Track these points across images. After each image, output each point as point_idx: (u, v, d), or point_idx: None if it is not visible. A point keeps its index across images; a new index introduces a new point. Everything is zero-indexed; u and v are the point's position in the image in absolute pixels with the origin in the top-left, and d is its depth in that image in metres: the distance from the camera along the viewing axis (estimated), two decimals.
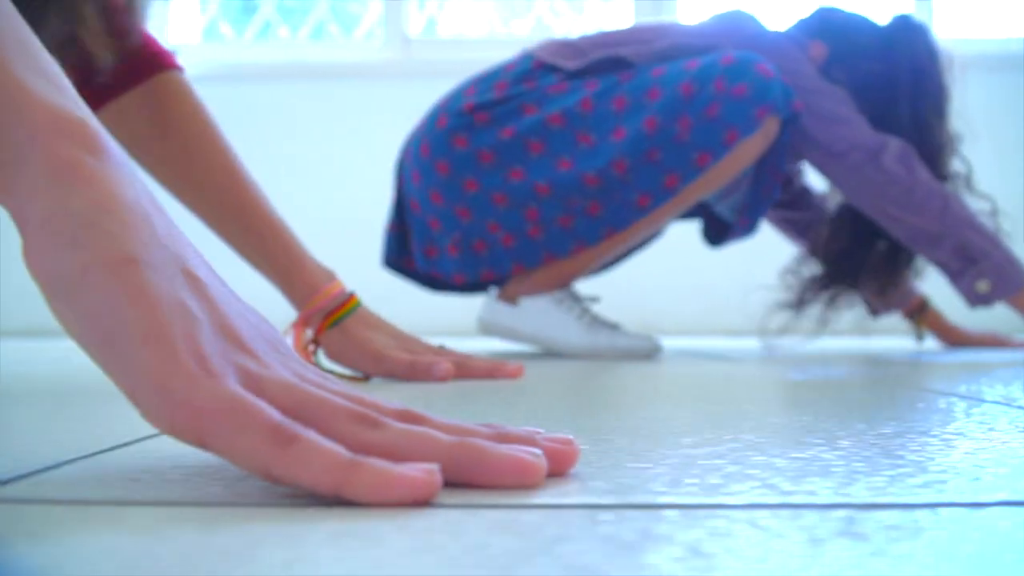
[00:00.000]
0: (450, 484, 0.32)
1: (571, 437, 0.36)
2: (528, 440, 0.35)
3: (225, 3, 2.70)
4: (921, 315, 1.62)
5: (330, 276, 0.94)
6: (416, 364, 0.86)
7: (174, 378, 0.31)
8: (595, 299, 1.40)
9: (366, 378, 0.89)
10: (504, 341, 1.39)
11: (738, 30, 1.40)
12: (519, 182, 1.31)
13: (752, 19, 1.43)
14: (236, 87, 2.57)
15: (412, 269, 1.51)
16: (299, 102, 2.59)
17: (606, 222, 1.31)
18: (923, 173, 1.35)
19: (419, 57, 2.64)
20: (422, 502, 0.30)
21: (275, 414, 0.31)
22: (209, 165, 0.97)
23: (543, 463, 0.33)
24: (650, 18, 2.63)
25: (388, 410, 0.35)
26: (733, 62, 1.26)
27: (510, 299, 1.37)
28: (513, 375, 0.89)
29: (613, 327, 1.35)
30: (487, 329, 1.39)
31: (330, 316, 0.90)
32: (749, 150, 1.26)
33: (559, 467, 0.35)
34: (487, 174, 1.33)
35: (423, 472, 0.30)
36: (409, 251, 1.49)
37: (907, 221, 1.36)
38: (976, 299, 1.36)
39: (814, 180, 1.63)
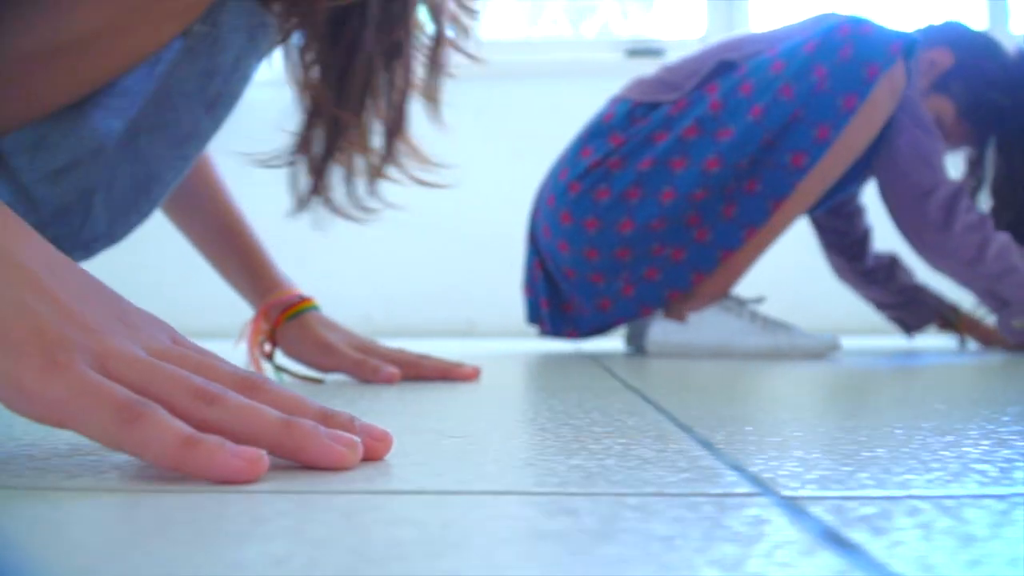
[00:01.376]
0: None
1: (388, 432, 0.41)
2: (348, 425, 0.40)
3: None
4: (957, 322, 1.64)
5: (291, 283, 0.99)
6: (364, 364, 0.88)
7: (25, 377, 0.35)
8: (760, 299, 1.42)
9: (320, 380, 0.90)
10: (680, 358, 1.38)
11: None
12: (672, 200, 1.33)
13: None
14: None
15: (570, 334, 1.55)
16: None
17: (768, 194, 1.31)
18: (964, 220, 1.37)
19: (490, 59, 2.55)
20: (249, 482, 0.35)
21: (121, 394, 0.35)
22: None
23: (357, 454, 0.38)
24: (723, 15, 2.52)
25: (230, 379, 0.39)
26: (851, 18, 1.29)
27: (678, 317, 1.39)
28: (469, 377, 0.90)
29: (787, 326, 1.37)
30: (661, 350, 1.40)
31: (289, 310, 0.93)
32: (889, 89, 1.26)
33: (372, 455, 0.40)
34: (639, 208, 1.35)
35: (246, 462, 0.34)
36: (569, 319, 1.52)
37: (936, 262, 1.45)
38: (1012, 335, 1.42)
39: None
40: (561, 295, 1.52)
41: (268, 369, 0.95)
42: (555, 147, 2.54)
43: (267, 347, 0.93)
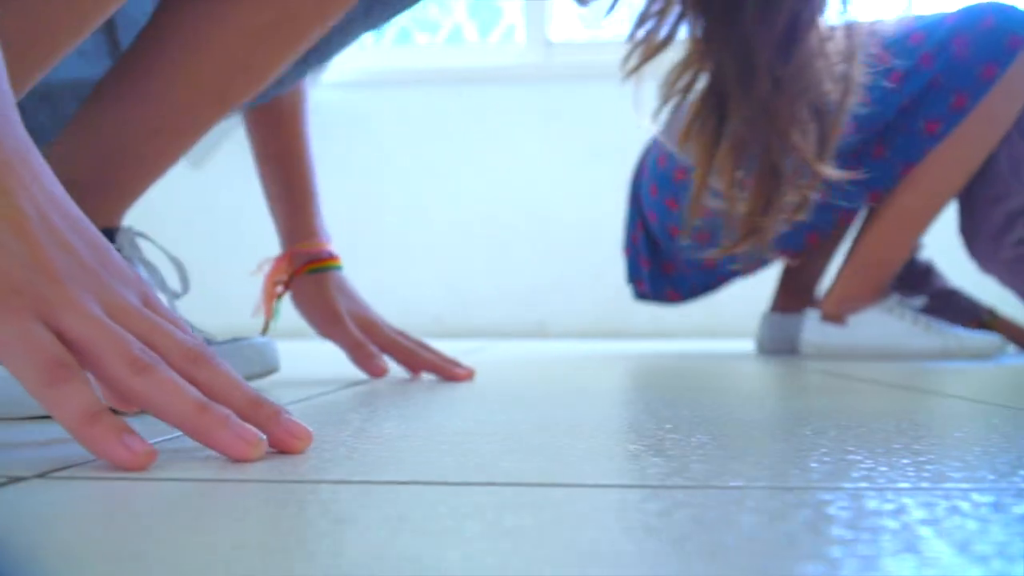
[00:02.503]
0: None
1: (310, 432, 0.42)
2: (272, 417, 0.42)
3: None
4: (994, 324, 1.60)
5: (327, 237, 0.96)
6: (361, 349, 0.88)
7: None
8: (921, 300, 1.40)
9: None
10: (836, 360, 1.34)
11: None
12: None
13: None
14: (374, 92, 2.55)
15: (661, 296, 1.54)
16: (441, 107, 2.55)
17: (898, 159, 1.29)
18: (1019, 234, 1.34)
19: (561, 60, 2.56)
20: (133, 470, 0.37)
21: (51, 353, 0.37)
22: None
23: (259, 450, 0.40)
24: None
25: (177, 349, 0.41)
26: (994, 4, 1.27)
27: (837, 319, 1.36)
28: (462, 378, 0.88)
29: (945, 327, 1.35)
30: (820, 352, 1.37)
31: (313, 263, 0.92)
32: None
33: (288, 450, 0.42)
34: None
35: (131, 453, 0.37)
36: (670, 280, 1.51)
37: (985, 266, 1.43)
38: None
39: None
40: (662, 255, 1.50)
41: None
42: (629, 148, 2.53)
43: (279, 289, 0.92)
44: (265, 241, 1.08)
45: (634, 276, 1.57)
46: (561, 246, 2.53)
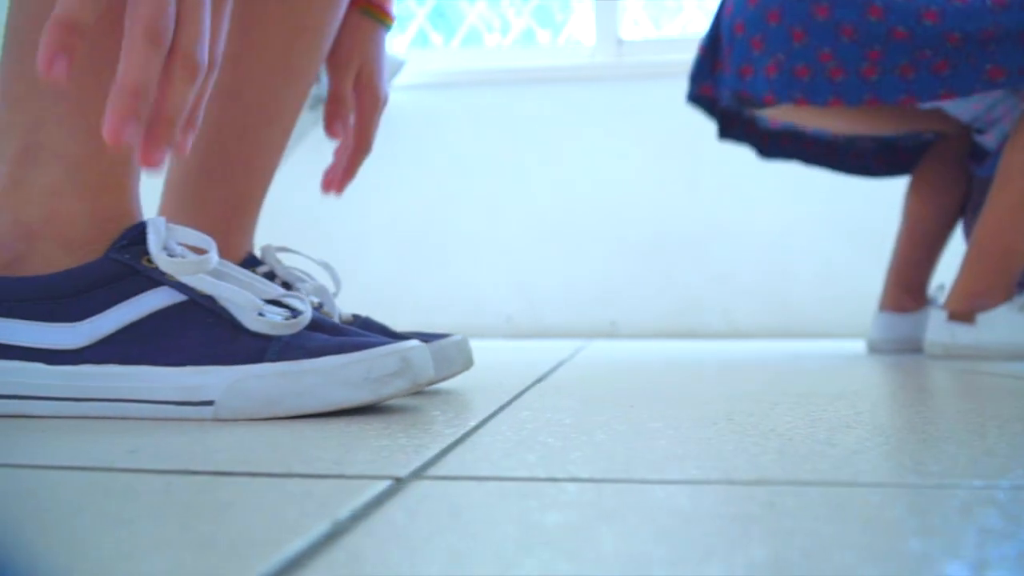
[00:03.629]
0: None
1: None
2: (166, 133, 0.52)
3: (434, 11, 2.71)
4: None
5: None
6: (339, 105, 0.87)
7: None
8: None
9: None
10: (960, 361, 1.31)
11: None
12: (876, 20, 1.26)
13: None
14: (445, 94, 2.57)
15: (710, 96, 1.49)
16: (512, 107, 2.56)
17: (947, 83, 1.24)
18: None
19: (633, 59, 2.55)
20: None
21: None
22: None
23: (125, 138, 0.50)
24: None
25: (183, 50, 0.51)
26: None
27: (965, 317, 1.31)
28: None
29: None
30: (947, 351, 1.32)
31: (371, 5, 0.89)
32: None
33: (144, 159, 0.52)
34: (844, 5, 1.27)
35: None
36: (713, 75, 1.46)
37: None
38: None
39: None
40: (718, 53, 1.46)
41: None
42: (699, 147, 2.52)
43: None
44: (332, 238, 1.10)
45: (697, 74, 1.51)
46: (632, 246, 2.52)
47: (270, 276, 0.80)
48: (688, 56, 2.62)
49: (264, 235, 0.96)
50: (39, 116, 0.61)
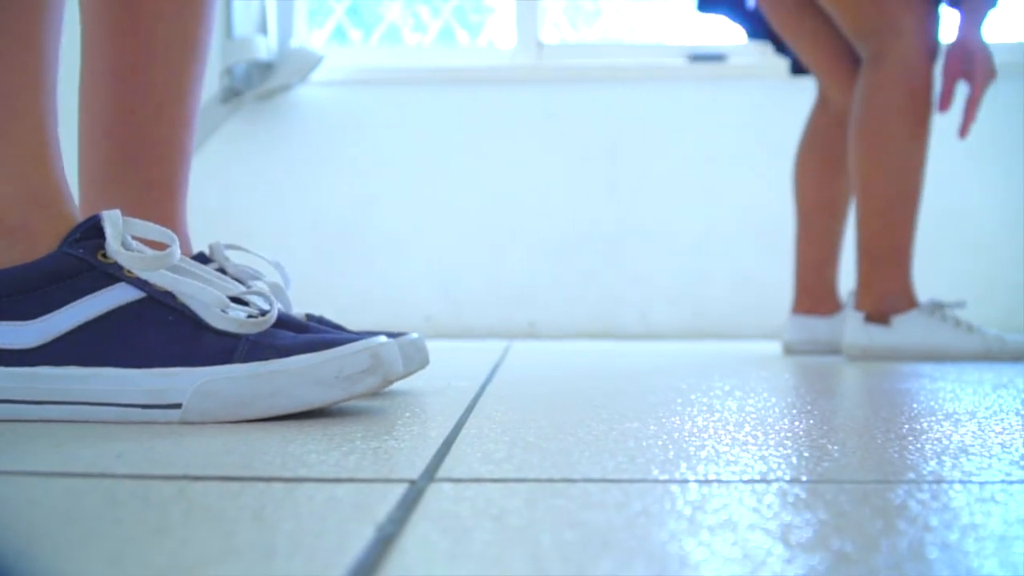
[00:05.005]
0: None
1: None
2: None
3: (352, 8, 2.68)
4: None
5: None
6: None
7: None
8: (961, 303, 1.38)
9: None
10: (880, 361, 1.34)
11: None
12: None
13: None
14: (364, 91, 2.54)
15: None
16: (433, 106, 2.55)
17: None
18: None
19: (552, 63, 2.57)
20: None
21: None
22: None
23: None
24: None
25: None
26: None
27: (881, 320, 1.35)
28: None
29: (984, 329, 1.34)
30: (865, 353, 1.34)
31: None
32: None
33: None
34: None
35: None
36: None
37: None
38: None
39: None
40: None
41: None
42: (619, 150, 2.55)
43: None
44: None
45: None
46: (552, 247, 2.53)
47: (221, 273, 0.78)
48: (608, 61, 2.66)
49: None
50: None
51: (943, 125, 1.44)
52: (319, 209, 2.52)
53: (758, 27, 1.60)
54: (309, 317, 0.79)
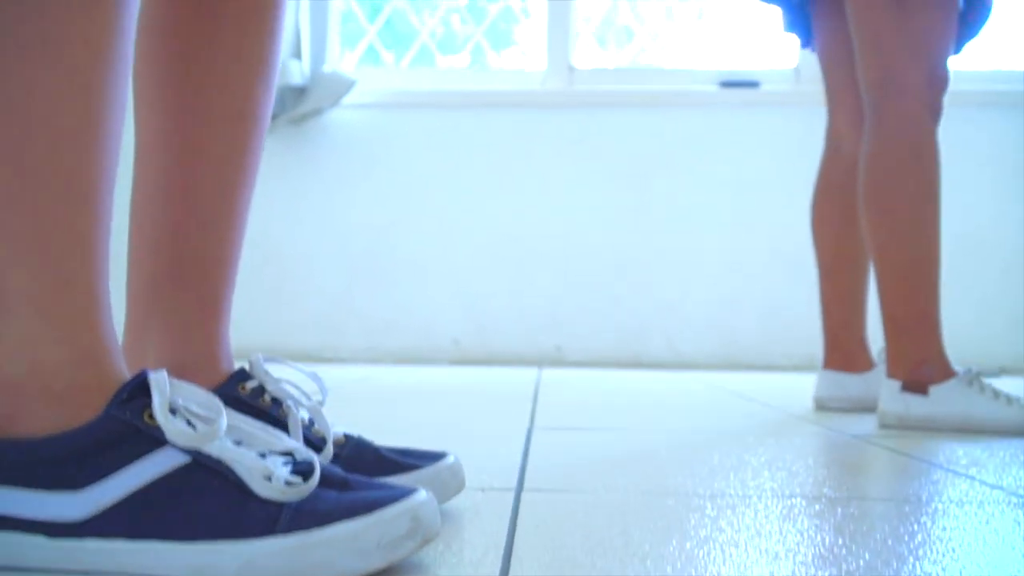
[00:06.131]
0: None
1: None
2: None
3: (384, 30, 2.67)
4: None
5: None
6: None
7: None
8: (998, 372, 1.34)
9: None
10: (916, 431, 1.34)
11: None
12: None
13: None
14: (395, 114, 2.54)
15: None
16: (463, 129, 2.55)
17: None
18: None
19: (584, 87, 2.56)
20: None
21: None
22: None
23: None
24: None
25: None
26: None
27: (919, 388, 1.33)
28: None
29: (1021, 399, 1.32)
30: (902, 422, 1.33)
31: None
32: None
33: None
34: None
35: None
36: None
37: None
38: None
39: None
40: None
41: None
42: (649, 175, 2.53)
43: None
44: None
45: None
46: (580, 272, 2.54)
47: (260, 391, 0.78)
48: (639, 87, 2.63)
49: None
50: (1, 260, 0.59)
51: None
52: (348, 232, 2.53)
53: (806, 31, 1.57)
54: (347, 438, 0.80)
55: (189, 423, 0.60)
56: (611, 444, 1.12)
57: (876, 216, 1.32)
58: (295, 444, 0.64)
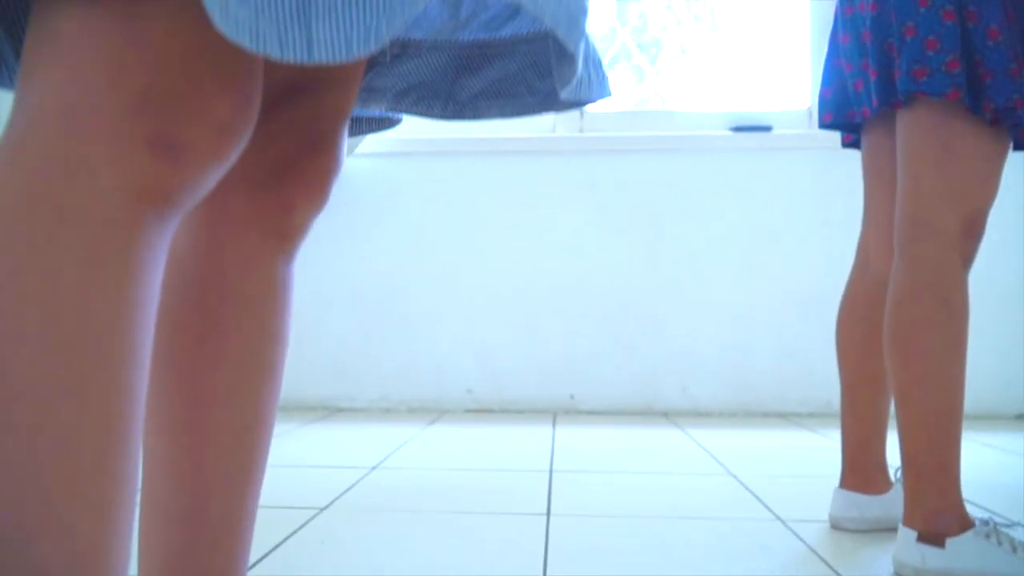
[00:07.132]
0: None
1: None
2: None
3: None
4: None
5: None
6: None
7: None
8: (1012, 524, 1.37)
9: None
10: None
11: None
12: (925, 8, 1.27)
13: None
14: (404, 163, 2.54)
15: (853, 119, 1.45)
16: (473, 177, 2.54)
17: (902, 85, 1.26)
18: None
19: (594, 133, 2.55)
20: None
21: None
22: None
23: None
24: None
25: None
26: None
27: (936, 540, 1.30)
28: None
29: None
30: (917, 574, 1.30)
31: None
32: None
33: None
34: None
35: None
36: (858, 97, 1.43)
37: None
38: None
39: None
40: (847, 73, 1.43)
41: None
42: (660, 222, 2.51)
43: None
44: None
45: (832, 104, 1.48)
46: (592, 319, 2.52)
47: None
48: (647, 132, 2.61)
49: None
50: None
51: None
52: (360, 281, 2.53)
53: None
54: None
55: None
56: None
57: (900, 361, 1.30)
58: None
